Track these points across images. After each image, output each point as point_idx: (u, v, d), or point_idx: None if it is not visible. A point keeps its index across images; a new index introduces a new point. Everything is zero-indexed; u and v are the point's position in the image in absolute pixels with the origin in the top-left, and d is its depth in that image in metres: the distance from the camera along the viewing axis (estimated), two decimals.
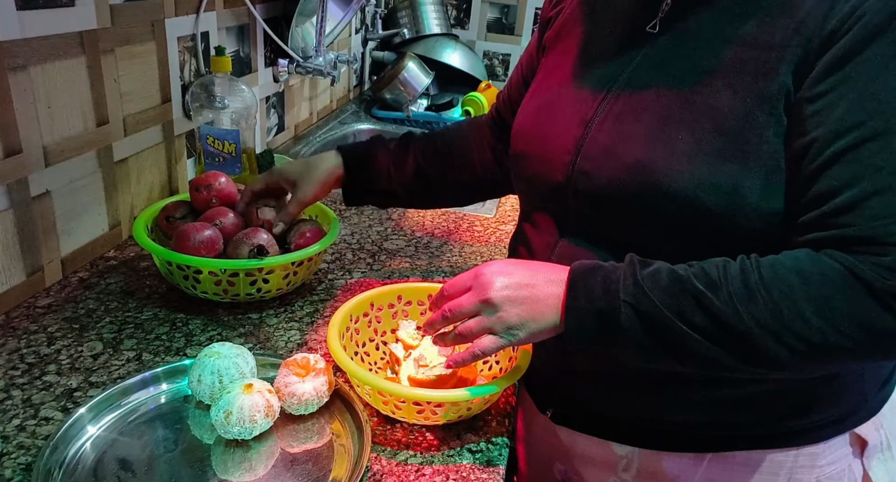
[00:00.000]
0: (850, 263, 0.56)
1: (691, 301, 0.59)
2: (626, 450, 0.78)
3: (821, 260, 0.58)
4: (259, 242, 0.96)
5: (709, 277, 0.60)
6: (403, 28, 2.30)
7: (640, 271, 0.62)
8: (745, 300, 0.58)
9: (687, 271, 0.61)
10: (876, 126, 0.56)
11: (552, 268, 0.66)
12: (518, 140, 0.81)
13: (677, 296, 0.60)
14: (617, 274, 0.63)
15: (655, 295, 0.60)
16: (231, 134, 1.19)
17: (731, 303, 0.58)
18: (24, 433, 0.72)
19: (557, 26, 0.83)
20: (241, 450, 0.72)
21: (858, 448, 0.78)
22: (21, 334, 0.88)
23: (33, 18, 0.88)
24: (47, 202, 0.96)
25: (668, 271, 0.62)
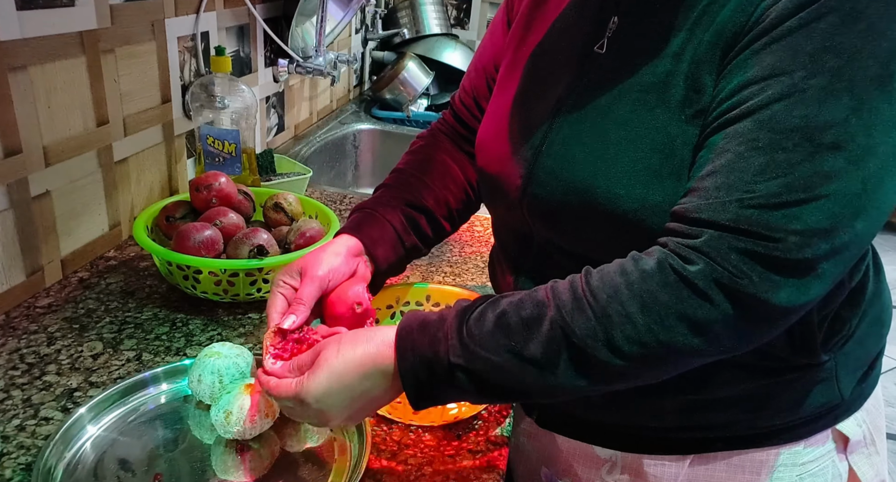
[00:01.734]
0: (661, 256, 0.56)
1: (522, 332, 0.58)
2: (608, 454, 0.79)
3: (639, 257, 0.58)
4: (259, 242, 0.96)
5: (535, 300, 0.59)
6: (403, 28, 2.30)
7: (465, 323, 0.60)
8: (573, 311, 0.57)
9: (510, 304, 0.60)
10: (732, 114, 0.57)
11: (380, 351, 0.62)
12: (480, 154, 0.81)
13: (507, 333, 0.58)
14: (443, 331, 0.60)
15: (484, 344, 0.58)
16: (231, 134, 1.19)
17: (560, 319, 0.57)
18: (24, 433, 0.72)
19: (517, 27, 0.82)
20: (241, 450, 0.72)
21: (842, 444, 0.78)
22: (21, 334, 0.88)
23: (33, 18, 0.88)
24: (47, 202, 0.96)
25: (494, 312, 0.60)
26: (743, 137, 0.55)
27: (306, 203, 1.15)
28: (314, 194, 1.47)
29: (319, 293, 0.73)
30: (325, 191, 1.50)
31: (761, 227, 0.54)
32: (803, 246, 0.53)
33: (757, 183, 0.54)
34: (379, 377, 0.62)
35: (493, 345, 0.58)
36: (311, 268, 0.73)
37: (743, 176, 0.55)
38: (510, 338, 0.58)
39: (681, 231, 0.57)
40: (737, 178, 0.55)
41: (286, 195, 1.11)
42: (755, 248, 0.54)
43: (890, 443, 0.78)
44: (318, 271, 0.73)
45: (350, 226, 0.81)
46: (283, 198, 1.10)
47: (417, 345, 0.60)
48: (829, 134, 0.53)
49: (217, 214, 1.01)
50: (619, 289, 0.56)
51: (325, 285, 0.73)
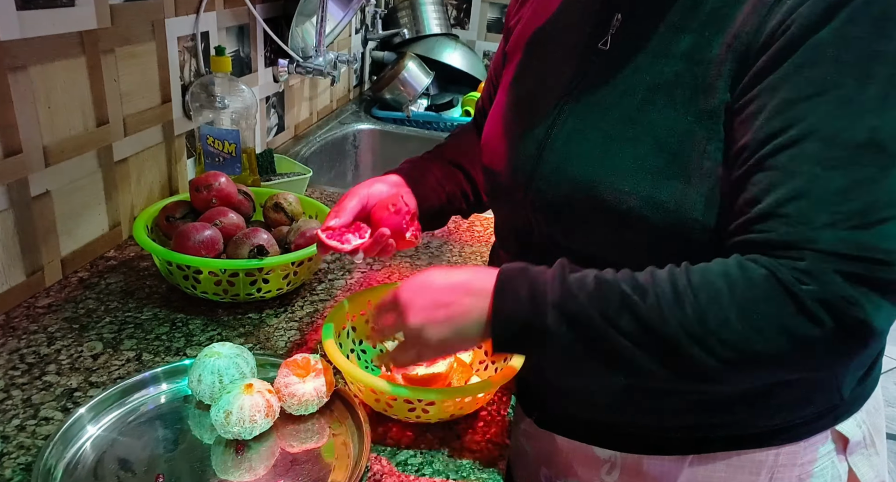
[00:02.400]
0: (773, 267, 0.56)
1: (618, 303, 0.59)
2: (608, 454, 0.79)
3: (747, 264, 0.57)
4: (259, 242, 0.96)
5: (636, 281, 0.60)
6: (403, 28, 2.30)
7: (568, 275, 0.62)
8: (672, 304, 0.58)
9: (615, 275, 0.61)
10: (793, 133, 0.56)
11: (477, 278, 0.66)
12: (485, 151, 0.82)
13: (604, 298, 0.59)
14: (544, 277, 0.63)
15: (582, 297, 0.60)
16: (231, 134, 1.19)
17: (658, 307, 0.58)
18: (24, 433, 0.72)
19: (515, 36, 0.84)
20: (241, 450, 0.72)
21: (841, 445, 0.78)
22: (21, 334, 0.88)
23: (33, 18, 0.88)
24: (47, 202, 0.96)
25: (595, 275, 0.62)
26: (814, 158, 0.55)
27: (306, 203, 1.15)
28: (314, 194, 1.47)
29: (359, 206, 0.80)
30: (325, 191, 1.50)
31: (860, 250, 0.54)
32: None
33: (843, 203, 0.54)
34: (472, 300, 0.64)
35: (589, 303, 0.60)
36: (355, 188, 0.83)
37: (826, 196, 0.55)
38: (607, 305, 0.59)
39: (781, 256, 0.56)
40: (819, 200, 0.55)
41: (286, 195, 1.11)
42: (859, 272, 0.54)
43: (890, 443, 0.77)
44: (360, 190, 0.82)
45: (397, 168, 0.89)
46: (283, 198, 1.10)
47: (518, 282, 0.63)
48: None
49: (217, 214, 1.01)
50: (721, 293, 0.56)
51: (365, 201, 0.81)
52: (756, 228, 0.58)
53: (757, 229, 0.58)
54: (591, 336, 0.60)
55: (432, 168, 0.89)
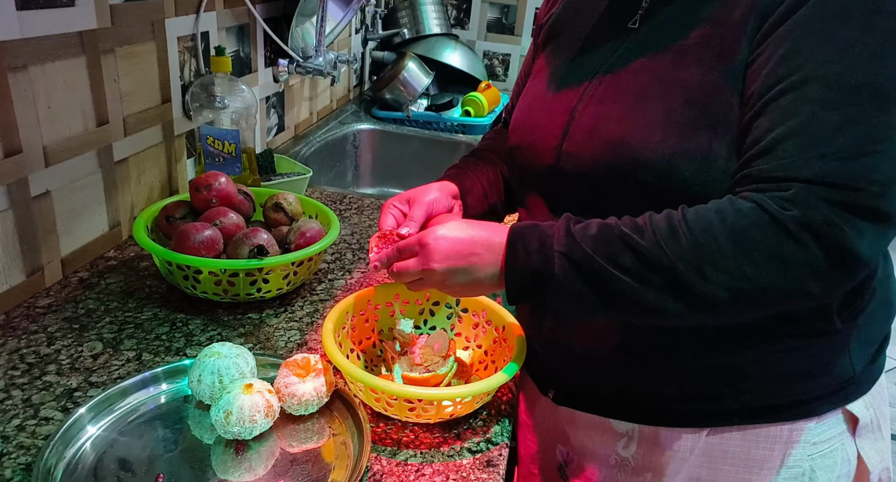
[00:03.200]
0: (759, 199, 0.60)
1: (619, 243, 0.63)
2: (626, 428, 0.80)
3: (736, 199, 0.62)
4: (259, 242, 0.96)
5: (635, 222, 0.65)
6: (403, 28, 2.30)
7: (572, 224, 0.67)
8: (668, 237, 0.62)
9: (615, 220, 0.66)
10: (795, 78, 0.61)
11: (494, 233, 0.71)
12: (513, 134, 0.85)
13: (606, 241, 0.64)
14: (551, 230, 0.67)
15: (586, 242, 0.65)
16: (231, 134, 1.19)
17: (656, 241, 0.62)
18: (24, 433, 0.72)
19: (546, 30, 0.88)
20: (241, 450, 0.72)
21: (851, 426, 0.79)
22: (21, 334, 0.88)
23: (33, 18, 0.88)
24: (47, 202, 0.96)
25: (598, 222, 0.66)
26: (814, 99, 0.60)
27: (306, 203, 1.15)
28: (314, 194, 1.47)
29: (426, 217, 0.83)
30: (325, 191, 1.50)
31: (845, 178, 0.58)
32: (884, 194, 0.58)
33: (836, 138, 0.58)
34: (489, 254, 0.70)
35: (592, 246, 0.64)
36: (419, 196, 0.85)
37: (821, 133, 0.59)
38: (608, 247, 0.64)
39: (769, 188, 0.61)
40: (815, 135, 0.59)
41: (286, 195, 1.11)
42: (842, 199, 0.58)
43: (892, 444, 0.79)
44: (425, 198, 0.84)
45: (449, 174, 0.92)
46: (283, 198, 1.10)
47: (528, 236, 0.68)
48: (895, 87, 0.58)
49: (217, 214, 1.01)
50: (713, 223, 0.61)
51: (431, 211, 0.84)
52: (753, 164, 0.62)
53: (753, 165, 0.62)
54: (596, 278, 0.64)
55: (480, 177, 0.92)
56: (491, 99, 2.17)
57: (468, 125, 2.10)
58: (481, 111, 2.12)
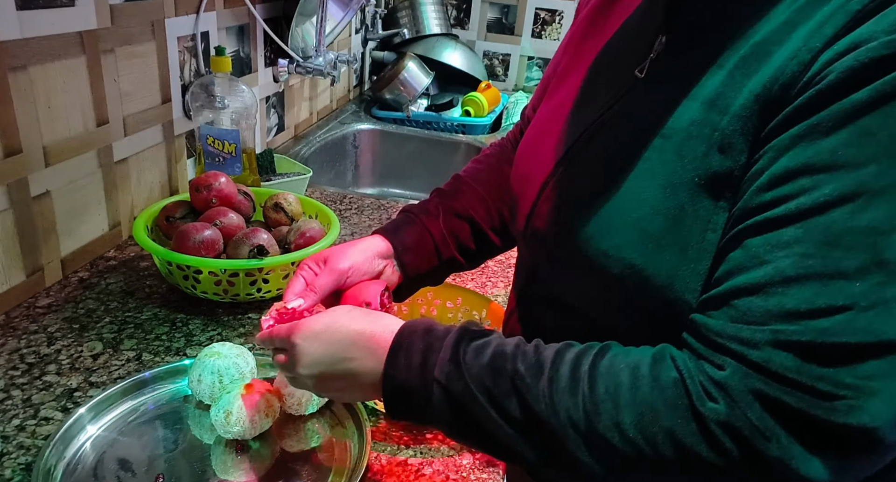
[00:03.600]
0: (686, 371, 0.47)
1: (508, 384, 0.51)
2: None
3: (662, 362, 0.49)
4: (259, 242, 0.96)
5: (537, 359, 0.52)
6: (403, 28, 2.30)
7: (464, 345, 0.55)
8: (565, 392, 0.49)
9: (515, 348, 0.53)
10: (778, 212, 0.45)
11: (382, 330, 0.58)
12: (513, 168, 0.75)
13: (495, 374, 0.52)
14: (439, 344, 0.55)
15: (472, 374, 0.53)
16: (231, 134, 1.19)
17: (549, 394, 0.50)
18: (24, 433, 0.72)
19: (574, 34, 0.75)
20: (241, 450, 0.72)
21: None
22: (21, 334, 0.88)
23: (33, 18, 0.88)
24: (47, 202, 0.96)
25: (495, 347, 0.54)
26: (789, 249, 0.44)
27: (306, 203, 1.15)
28: (314, 194, 1.47)
29: (335, 286, 0.71)
30: (325, 191, 1.50)
31: (801, 375, 0.42)
32: (857, 409, 0.41)
33: (802, 315, 0.42)
34: (369, 357, 0.57)
35: (478, 381, 0.53)
36: (333, 261, 0.71)
37: (784, 301, 0.43)
38: (496, 383, 0.52)
39: (703, 355, 0.47)
40: (777, 303, 0.43)
41: (286, 195, 1.11)
42: (788, 400, 0.42)
43: None
44: (338, 264, 0.71)
45: (388, 227, 0.78)
46: (283, 198, 1.10)
47: (414, 346, 0.56)
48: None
49: (217, 214, 1.01)
50: (621, 388, 0.48)
51: (343, 280, 0.71)
52: (705, 311, 0.48)
53: (705, 312, 0.48)
54: (474, 419, 0.53)
55: (432, 227, 0.78)
56: (491, 99, 2.17)
57: (468, 125, 2.10)
58: (481, 111, 2.12)
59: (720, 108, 0.50)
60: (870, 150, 0.42)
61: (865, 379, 0.41)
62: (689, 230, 0.51)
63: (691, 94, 0.53)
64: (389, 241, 0.76)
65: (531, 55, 2.52)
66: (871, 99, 0.42)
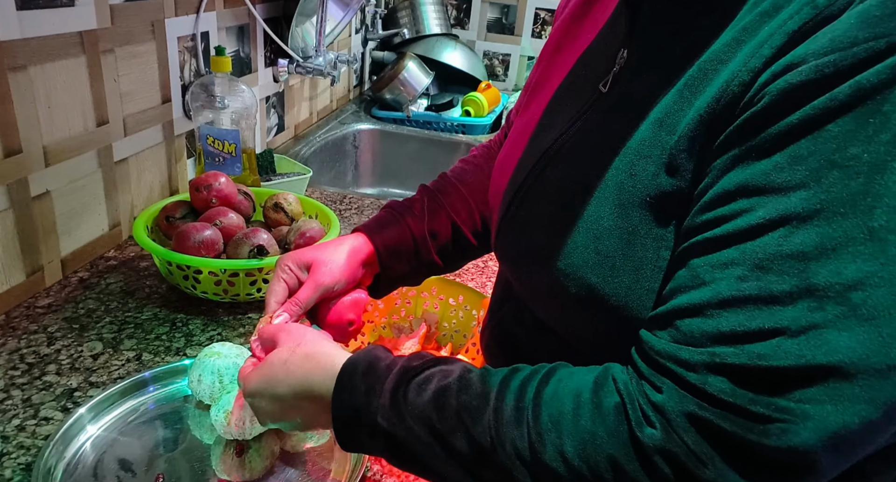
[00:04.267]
0: (627, 396, 0.46)
1: (454, 419, 0.50)
2: None
3: (604, 386, 0.48)
4: (259, 242, 0.96)
5: (481, 390, 0.51)
6: (403, 28, 2.30)
7: (404, 387, 0.53)
8: (510, 423, 0.48)
9: (460, 381, 0.52)
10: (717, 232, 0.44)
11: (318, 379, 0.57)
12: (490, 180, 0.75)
13: (439, 412, 0.51)
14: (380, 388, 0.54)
15: (414, 415, 0.51)
16: (231, 134, 1.19)
17: (496, 427, 0.49)
18: (24, 433, 0.72)
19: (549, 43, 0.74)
20: (240, 450, 0.72)
21: None
22: (21, 334, 0.88)
23: (33, 18, 0.88)
24: (47, 202, 0.96)
25: (439, 380, 0.53)
26: (727, 271, 0.43)
27: (306, 203, 1.15)
28: (314, 194, 1.47)
29: (318, 299, 0.71)
30: (325, 191, 1.50)
31: (736, 398, 0.41)
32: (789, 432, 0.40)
33: (738, 338, 0.42)
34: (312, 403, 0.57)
35: (422, 420, 0.51)
36: (317, 273, 0.70)
37: (721, 324, 0.42)
38: (441, 422, 0.50)
39: (645, 376, 0.46)
40: (714, 324, 0.43)
41: (286, 195, 1.11)
42: (722, 425, 0.42)
43: None
44: (324, 280, 0.70)
45: (371, 225, 0.78)
46: (283, 198, 1.10)
47: (356, 390, 0.54)
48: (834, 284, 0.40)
49: (217, 214, 1.01)
50: (564, 416, 0.47)
51: (327, 294, 0.71)
52: (652, 329, 0.48)
53: (651, 330, 0.48)
54: (421, 460, 0.52)
55: (414, 230, 0.78)
56: (491, 99, 2.17)
57: (468, 125, 2.10)
58: (481, 111, 2.12)
59: (668, 127, 0.50)
60: (799, 174, 0.41)
61: (798, 402, 0.40)
62: (644, 249, 0.51)
63: (646, 112, 0.52)
64: (372, 242, 0.75)
65: (531, 55, 2.52)
66: (802, 123, 0.42)
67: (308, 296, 0.69)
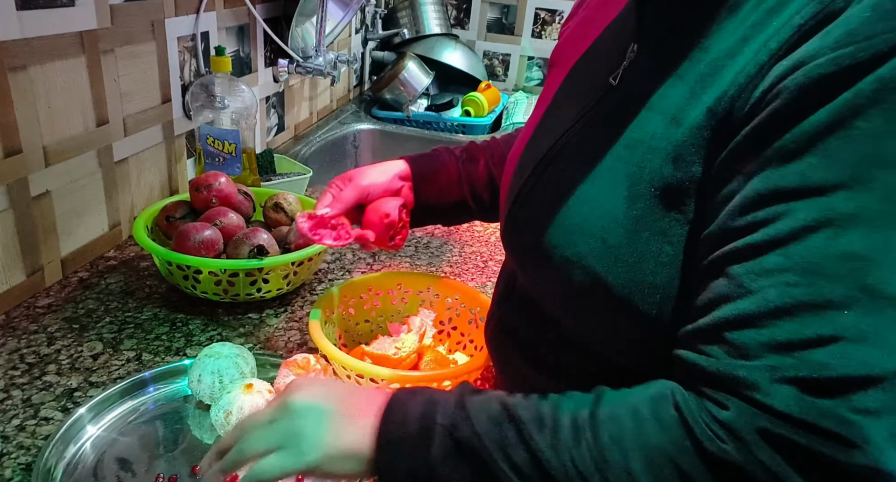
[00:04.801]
0: (689, 413, 0.45)
1: (514, 433, 0.49)
2: None
3: (663, 403, 0.47)
4: (259, 242, 0.96)
5: (536, 410, 0.50)
6: (403, 28, 2.30)
7: (467, 395, 0.52)
8: (569, 441, 0.47)
9: (518, 399, 0.51)
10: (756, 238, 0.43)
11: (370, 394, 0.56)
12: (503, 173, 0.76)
13: (500, 424, 0.49)
14: (442, 396, 0.53)
15: (478, 420, 0.50)
16: (231, 134, 1.19)
17: (554, 444, 0.48)
18: (24, 433, 0.72)
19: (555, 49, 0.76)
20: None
21: None
22: (21, 334, 0.88)
23: (33, 18, 0.88)
24: (47, 202, 0.96)
25: (499, 399, 0.52)
26: (773, 278, 0.42)
27: (306, 203, 1.15)
28: (314, 194, 1.47)
29: (357, 199, 0.79)
30: None
31: (804, 411, 0.40)
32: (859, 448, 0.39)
33: (795, 348, 0.41)
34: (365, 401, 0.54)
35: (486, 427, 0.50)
36: (356, 177, 0.81)
37: (777, 334, 0.41)
38: (502, 432, 0.49)
39: (706, 394, 0.45)
40: (769, 335, 0.42)
41: (286, 195, 1.11)
42: (798, 439, 0.40)
43: None
44: (361, 181, 0.80)
45: (413, 156, 0.86)
46: (283, 198, 1.10)
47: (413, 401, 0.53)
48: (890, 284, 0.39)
49: (217, 214, 1.01)
50: (625, 434, 0.46)
51: (365, 195, 0.80)
52: (696, 347, 0.46)
53: (697, 348, 0.46)
54: (481, 469, 0.49)
55: (451, 165, 0.84)
56: (491, 99, 2.17)
57: (468, 125, 2.10)
58: (481, 111, 2.12)
59: (678, 121, 0.50)
60: (835, 174, 0.41)
61: (864, 413, 0.39)
62: (647, 243, 0.51)
63: (656, 105, 0.53)
64: (410, 165, 0.84)
65: (531, 55, 2.52)
66: (830, 121, 0.41)
67: (348, 194, 0.79)
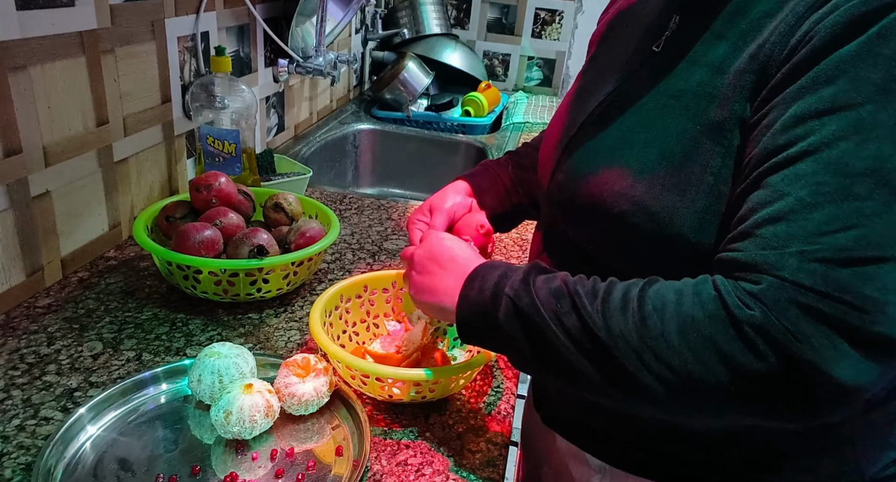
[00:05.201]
0: (724, 288, 0.52)
1: (568, 302, 0.58)
2: (598, 464, 0.76)
3: (703, 283, 0.54)
4: (259, 242, 0.96)
5: (593, 285, 0.59)
6: (403, 28, 2.30)
7: (535, 273, 0.63)
8: (616, 310, 0.55)
9: (578, 278, 0.61)
10: (792, 151, 0.51)
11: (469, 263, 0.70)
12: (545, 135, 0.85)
13: (558, 296, 0.59)
14: (514, 272, 0.64)
15: (539, 293, 0.60)
16: (231, 134, 1.19)
17: (602, 312, 0.56)
18: (24, 433, 0.72)
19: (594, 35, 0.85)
20: (240, 450, 0.72)
21: None
22: (21, 334, 0.88)
23: (33, 18, 0.88)
24: (47, 202, 0.96)
25: (563, 277, 0.61)
26: (805, 180, 0.50)
27: (306, 203, 1.15)
28: (314, 194, 1.47)
29: (448, 223, 0.85)
30: (325, 191, 1.50)
31: (826, 285, 0.47)
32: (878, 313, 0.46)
33: (823, 234, 0.48)
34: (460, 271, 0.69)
35: (544, 298, 0.60)
36: (438, 203, 0.86)
37: (806, 225, 0.49)
38: (558, 302, 0.59)
39: (741, 277, 0.52)
40: (799, 227, 0.49)
41: (286, 195, 1.11)
42: (819, 307, 0.47)
43: None
44: (444, 205, 0.86)
45: (466, 174, 0.92)
46: (283, 198, 1.10)
47: (490, 274, 0.65)
48: None
49: (217, 214, 1.01)
50: (667, 305, 0.54)
51: (453, 216, 0.86)
52: (731, 246, 0.54)
53: (731, 247, 0.54)
54: (538, 334, 0.59)
55: (501, 175, 0.91)
56: (491, 99, 2.17)
57: (468, 125, 2.10)
58: (481, 111, 2.12)
59: (722, 70, 0.59)
60: (864, 91, 0.49)
61: (881, 290, 0.46)
62: (690, 173, 0.59)
63: (700, 60, 0.61)
64: (469, 182, 0.90)
65: (531, 55, 2.52)
66: (860, 50, 0.49)
67: (439, 221, 0.85)
